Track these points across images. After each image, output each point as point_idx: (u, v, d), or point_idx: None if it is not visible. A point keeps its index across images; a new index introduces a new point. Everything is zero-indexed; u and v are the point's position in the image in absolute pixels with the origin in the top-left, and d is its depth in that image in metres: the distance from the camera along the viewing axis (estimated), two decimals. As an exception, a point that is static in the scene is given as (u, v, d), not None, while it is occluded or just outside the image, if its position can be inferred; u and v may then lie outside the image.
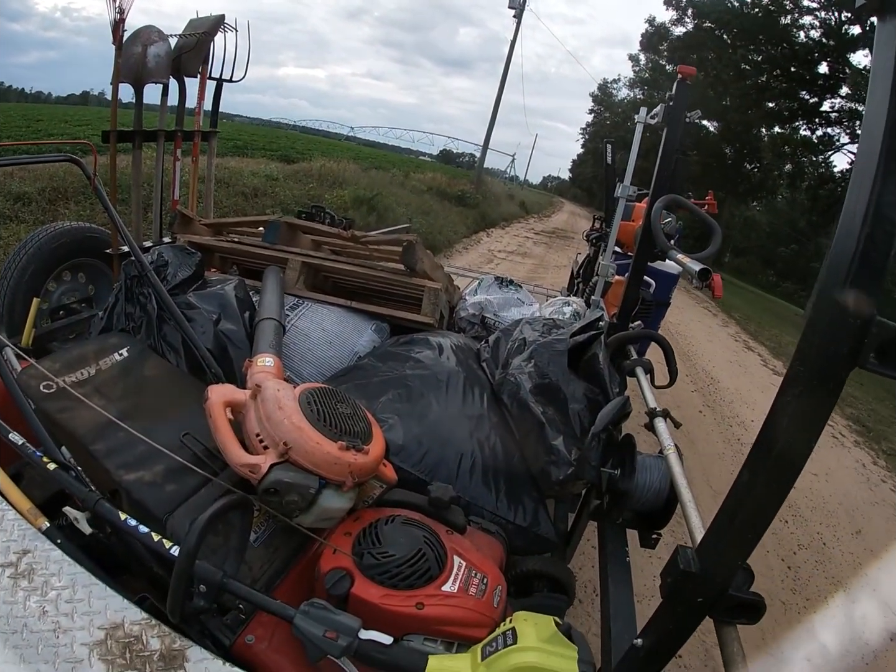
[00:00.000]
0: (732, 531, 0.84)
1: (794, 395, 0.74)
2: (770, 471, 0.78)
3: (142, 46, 2.69)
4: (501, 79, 21.87)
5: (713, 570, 0.87)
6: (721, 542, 0.86)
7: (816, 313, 0.72)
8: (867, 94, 0.71)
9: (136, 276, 1.75)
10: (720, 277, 1.67)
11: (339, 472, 1.10)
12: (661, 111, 2.18)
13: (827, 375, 0.72)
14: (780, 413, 0.76)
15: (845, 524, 4.60)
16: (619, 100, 46.00)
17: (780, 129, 25.33)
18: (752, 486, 0.80)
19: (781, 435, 0.75)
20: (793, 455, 0.76)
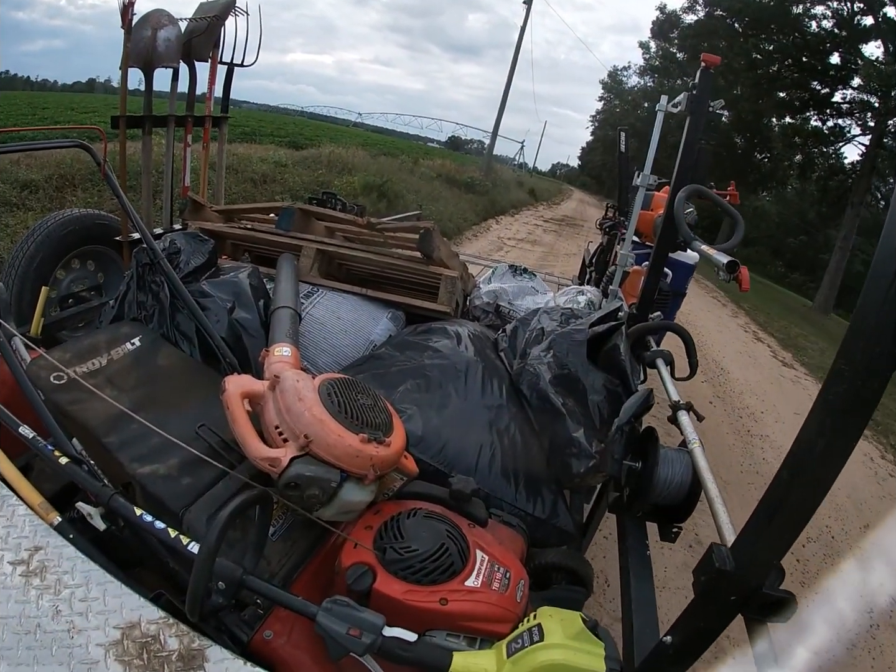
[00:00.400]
0: (770, 531, 0.83)
1: (837, 393, 0.72)
2: (810, 470, 0.76)
3: (151, 30, 2.66)
4: (511, 65, 21.75)
5: (748, 568, 0.86)
6: (758, 542, 0.85)
7: (862, 311, 0.70)
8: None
9: (148, 263, 1.72)
10: (747, 270, 1.63)
11: (361, 465, 1.07)
12: (684, 100, 2.13)
13: (871, 374, 0.69)
14: (822, 411, 0.74)
15: (854, 518, 4.58)
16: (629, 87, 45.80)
17: (790, 119, 25.12)
18: (792, 485, 0.78)
19: (824, 433, 0.73)
20: (834, 454, 0.74)
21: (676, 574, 3.20)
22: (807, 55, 22.78)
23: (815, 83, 23.34)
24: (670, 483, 1.45)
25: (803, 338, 12.07)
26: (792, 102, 24.20)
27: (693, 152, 2.08)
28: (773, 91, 24.33)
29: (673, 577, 3.17)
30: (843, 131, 23.50)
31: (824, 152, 25.20)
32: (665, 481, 1.45)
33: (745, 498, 4.20)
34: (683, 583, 3.14)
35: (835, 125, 23.72)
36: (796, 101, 24.02)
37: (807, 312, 18.72)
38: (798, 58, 23.08)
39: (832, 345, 12.63)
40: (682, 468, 1.44)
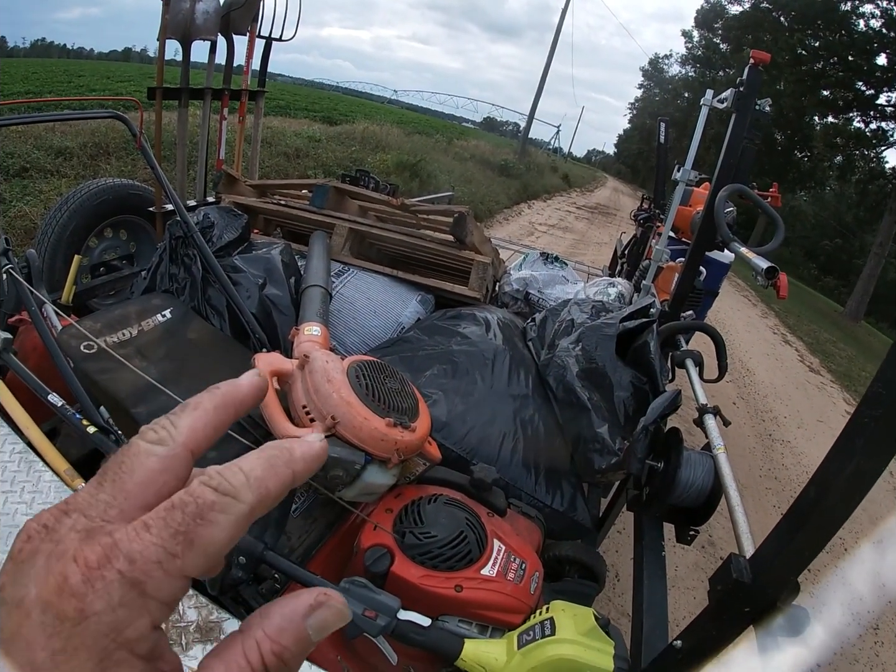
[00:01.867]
0: (792, 546, 0.82)
1: (872, 416, 0.71)
2: (838, 490, 0.75)
3: (190, 2, 2.64)
4: (550, 47, 21.59)
5: (766, 582, 0.86)
6: (778, 556, 0.85)
7: None
8: None
9: (181, 236, 1.73)
10: (786, 277, 1.60)
11: (386, 449, 1.08)
12: (731, 96, 2.09)
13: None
14: (855, 433, 0.73)
15: (868, 531, 4.50)
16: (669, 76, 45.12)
17: (833, 118, 24.60)
18: (819, 503, 0.78)
19: (856, 454, 0.72)
20: (863, 476, 0.74)
21: (688, 574, 3.19)
22: (853, 54, 22.24)
23: (860, 83, 22.80)
24: (691, 486, 1.44)
25: (832, 344, 11.90)
26: (835, 101, 23.68)
27: (737, 151, 2.04)
28: (817, 89, 23.82)
29: (684, 576, 3.17)
30: (885, 135, 22.99)
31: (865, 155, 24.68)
32: (686, 483, 1.44)
33: (762, 503, 4.17)
34: (694, 583, 3.14)
35: (878, 128, 23.20)
36: (840, 100, 23.49)
37: (837, 318, 18.43)
38: (844, 56, 22.53)
39: (860, 353, 12.45)
40: (705, 472, 1.44)
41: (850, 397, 7.90)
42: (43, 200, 5.16)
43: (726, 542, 3.49)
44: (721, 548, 3.49)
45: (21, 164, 5.71)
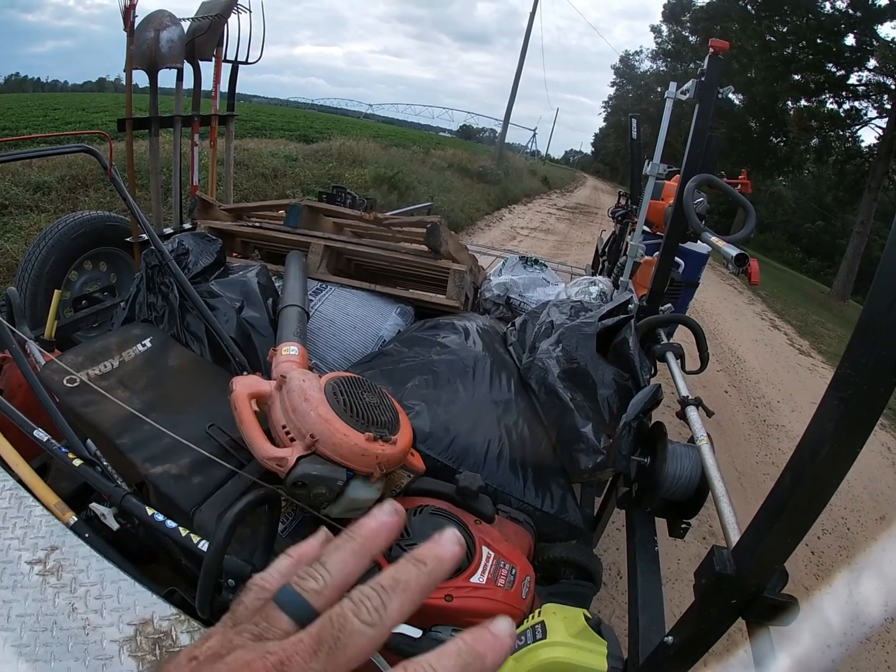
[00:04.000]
0: (771, 535, 0.82)
1: (841, 398, 0.71)
2: (813, 476, 0.75)
3: (154, 31, 2.66)
4: (521, 52, 21.60)
5: (749, 572, 0.86)
6: (759, 546, 0.84)
7: (869, 316, 0.69)
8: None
9: (157, 265, 1.74)
10: (757, 263, 1.61)
11: (367, 464, 1.08)
12: (693, 87, 2.09)
13: (877, 380, 0.68)
14: (826, 417, 0.73)
15: (869, 509, 4.52)
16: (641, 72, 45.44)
17: (806, 102, 24.77)
18: (794, 490, 0.78)
19: (827, 439, 0.72)
20: (837, 460, 0.74)
21: (690, 566, 3.19)
22: (821, 37, 22.43)
23: (831, 65, 22.98)
24: (679, 479, 1.44)
25: (821, 325, 11.94)
26: (807, 85, 23.86)
27: (703, 140, 2.05)
28: (788, 74, 23.98)
29: (686, 568, 3.17)
30: (859, 114, 23.18)
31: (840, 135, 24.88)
32: (673, 477, 1.44)
33: (761, 489, 4.17)
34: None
35: (851, 108, 23.40)
36: (811, 83, 23.68)
37: (824, 299, 18.53)
38: (812, 39, 22.72)
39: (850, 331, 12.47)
40: (691, 464, 1.44)
41: (842, 376, 7.91)
42: (23, 236, 5.14)
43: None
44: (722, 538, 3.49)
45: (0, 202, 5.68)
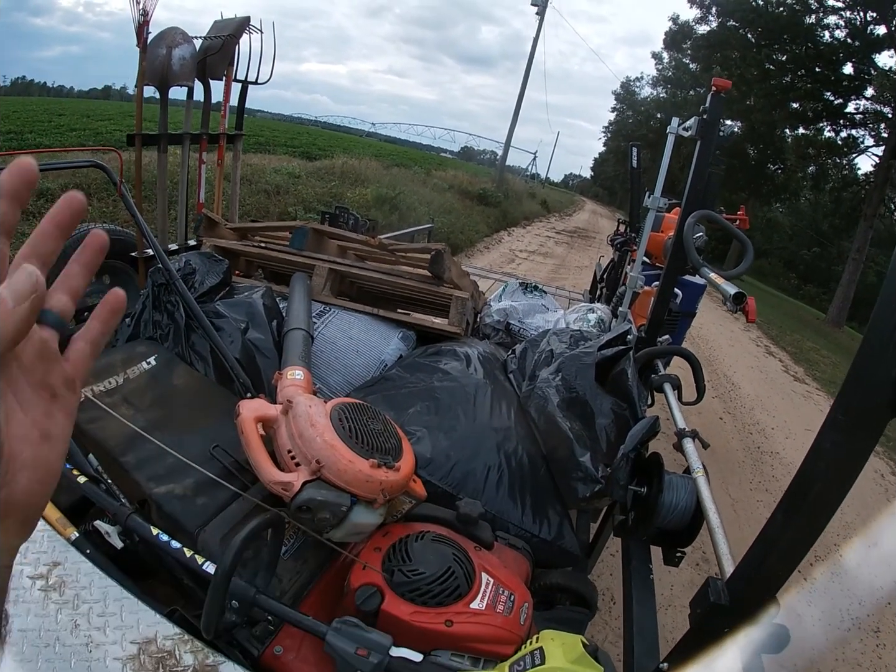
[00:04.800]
0: (764, 569, 0.85)
1: (832, 441, 0.75)
2: (804, 514, 0.79)
3: (167, 49, 2.69)
4: (524, 76, 21.76)
5: (743, 603, 0.88)
6: (752, 578, 0.87)
7: (860, 363, 0.72)
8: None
9: (164, 283, 1.76)
10: (754, 301, 1.63)
11: (371, 490, 1.10)
12: (695, 124, 2.13)
13: (867, 425, 0.72)
14: (817, 458, 0.76)
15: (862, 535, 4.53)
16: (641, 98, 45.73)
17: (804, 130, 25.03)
18: (786, 527, 0.81)
19: (818, 479, 0.75)
20: (828, 499, 0.77)
21: (682, 592, 3.20)
22: (820, 65, 22.71)
23: (829, 94, 23.24)
24: (675, 508, 1.46)
25: (815, 352, 12.00)
26: (805, 113, 24.09)
27: (703, 177, 2.08)
28: (787, 102, 24.23)
29: (679, 595, 3.17)
30: (856, 142, 23.43)
31: (838, 163, 25.15)
32: (670, 507, 1.46)
33: (754, 516, 4.19)
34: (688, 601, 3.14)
35: (848, 136, 23.65)
36: (809, 111, 23.91)
37: (819, 325, 18.61)
38: (811, 68, 22.99)
39: (845, 358, 12.54)
40: (687, 494, 1.46)
41: (835, 404, 7.96)
42: (26, 244, 5.15)
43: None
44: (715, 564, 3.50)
45: (3, 208, 5.68)
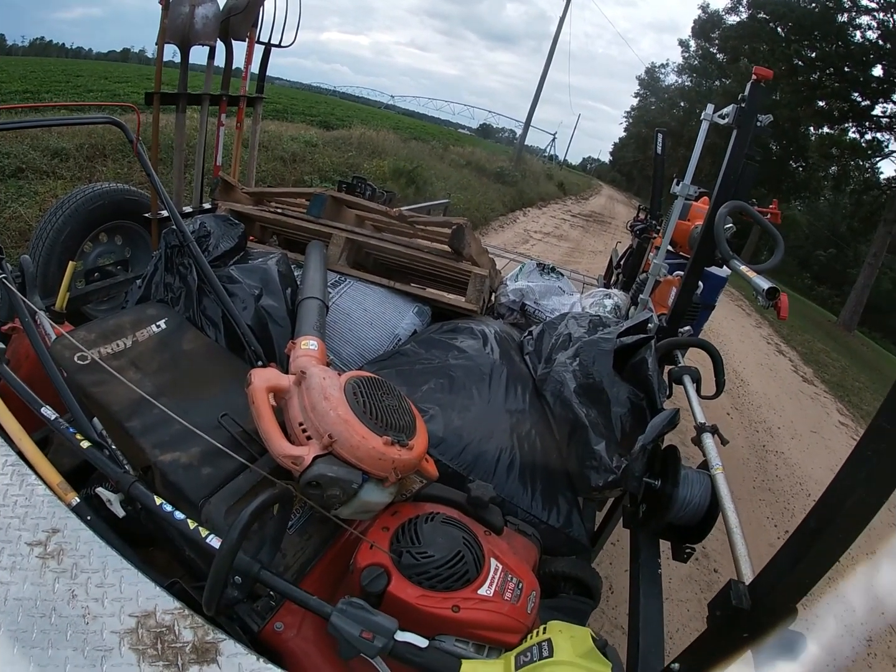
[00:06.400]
0: (791, 576, 0.83)
1: (875, 451, 0.72)
2: (839, 522, 0.76)
3: (189, 7, 2.64)
4: (548, 56, 21.57)
5: (765, 609, 0.87)
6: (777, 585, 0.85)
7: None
8: None
9: (177, 245, 1.72)
10: (787, 298, 1.59)
11: (383, 468, 1.07)
12: (732, 112, 2.08)
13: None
14: (857, 466, 0.73)
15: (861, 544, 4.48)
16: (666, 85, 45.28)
17: (828, 129, 24.75)
18: (819, 534, 0.79)
19: (857, 488, 0.72)
20: (864, 509, 0.74)
21: (681, 586, 3.19)
22: (849, 65, 22.40)
23: (856, 94, 22.96)
24: (688, 504, 1.44)
25: (825, 354, 11.94)
26: (831, 112, 23.82)
27: (738, 167, 2.03)
28: (813, 99, 23.95)
29: (677, 588, 3.16)
30: (881, 146, 23.16)
31: (860, 166, 24.90)
32: (683, 502, 1.44)
33: (756, 515, 4.17)
34: (687, 595, 3.13)
35: (873, 139, 23.37)
36: (835, 111, 23.64)
37: (831, 328, 18.52)
38: (840, 67, 22.69)
39: (854, 363, 12.51)
40: (702, 490, 1.43)
41: (843, 407, 7.93)
42: (38, 202, 5.13)
43: (720, 553, 3.49)
44: (714, 559, 3.49)
45: (17, 165, 5.66)
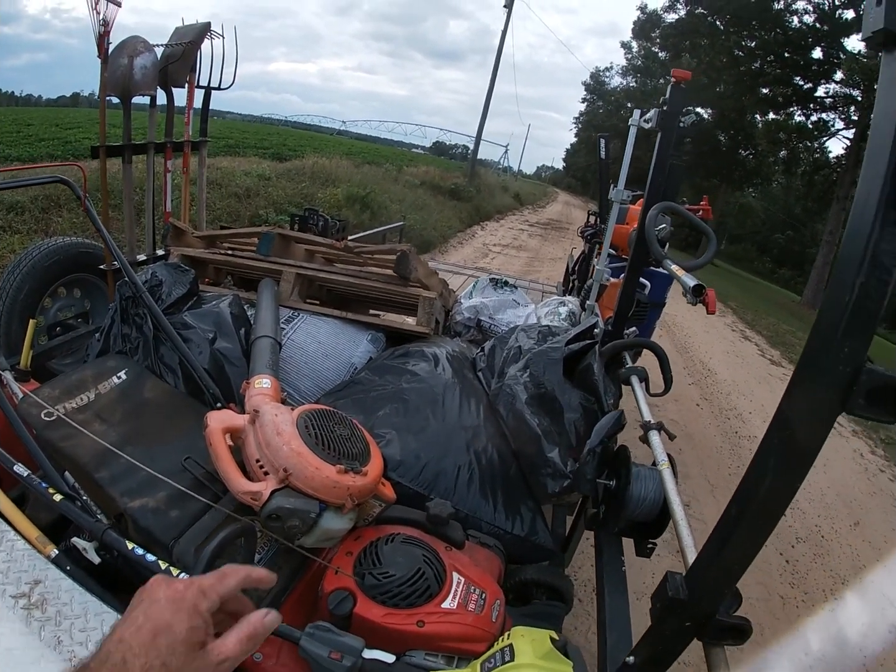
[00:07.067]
0: (720, 562, 0.86)
1: (781, 438, 0.76)
2: (756, 508, 0.80)
3: (128, 58, 2.67)
4: (493, 69, 21.78)
5: (701, 597, 0.90)
6: (709, 572, 0.89)
7: (808, 358, 0.73)
8: (868, 136, 0.69)
9: (131, 296, 1.75)
10: (714, 293, 1.65)
11: (339, 496, 1.12)
12: (655, 116, 2.13)
13: (814, 421, 0.73)
14: (767, 454, 0.78)
15: (843, 516, 4.62)
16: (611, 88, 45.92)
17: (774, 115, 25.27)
18: (740, 521, 0.82)
19: (769, 474, 0.77)
20: (778, 495, 0.78)
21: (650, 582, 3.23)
22: (789, 51, 22.93)
23: (798, 78, 23.49)
24: (644, 500, 1.49)
25: (791, 334, 12.13)
26: (775, 98, 24.35)
27: (664, 168, 2.08)
28: (757, 87, 24.47)
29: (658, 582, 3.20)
30: (827, 126, 23.69)
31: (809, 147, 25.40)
32: (638, 499, 1.48)
33: (733, 501, 4.23)
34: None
35: (819, 120, 23.92)
36: (779, 96, 24.17)
37: (795, 308, 18.84)
38: (780, 53, 23.22)
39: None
40: (655, 485, 1.48)
41: (814, 385, 8.06)
42: (-3, 258, 5.10)
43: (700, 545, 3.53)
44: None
45: (-28, 222, 5.62)
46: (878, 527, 4.62)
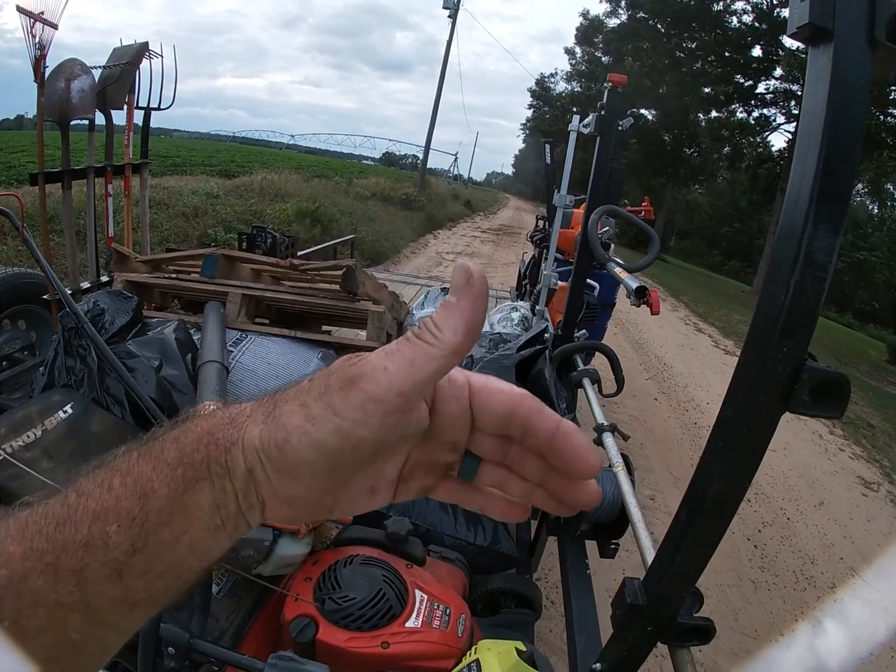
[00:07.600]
0: (675, 567, 0.86)
1: (725, 440, 0.75)
2: (706, 512, 0.79)
3: (65, 81, 2.60)
4: (439, 79, 21.95)
5: (660, 602, 0.89)
6: (665, 577, 0.88)
7: (747, 360, 0.73)
8: (797, 130, 0.69)
9: (73, 327, 1.71)
10: (657, 294, 1.67)
11: (291, 522, 1.10)
12: (594, 120, 2.16)
13: (758, 421, 0.73)
14: (712, 457, 0.77)
15: (807, 497, 4.73)
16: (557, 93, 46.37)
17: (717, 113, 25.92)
18: (690, 525, 0.81)
19: (715, 478, 0.77)
20: (728, 495, 0.78)
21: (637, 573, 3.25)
22: (729, 50, 23.54)
23: (739, 76, 24.12)
24: (602, 501, 1.50)
25: (743, 324, 12.35)
26: (717, 97, 24.97)
27: (605, 172, 2.11)
28: (699, 87, 25.06)
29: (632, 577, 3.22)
30: (768, 121, 24.38)
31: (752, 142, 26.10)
32: (597, 500, 1.49)
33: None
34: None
35: (760, 115, 24.61)
36: (721, 95, 24.80)
37: (746, 298, 19.23)
38: (721, 53, 23.83)
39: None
40: (612, 487, 1.49)
41: (769, 372, 8.24)
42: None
43: (662, 539, 3.57)
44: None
45: (-88, 255, 5.44)
46: (842, 504, 4.75)
